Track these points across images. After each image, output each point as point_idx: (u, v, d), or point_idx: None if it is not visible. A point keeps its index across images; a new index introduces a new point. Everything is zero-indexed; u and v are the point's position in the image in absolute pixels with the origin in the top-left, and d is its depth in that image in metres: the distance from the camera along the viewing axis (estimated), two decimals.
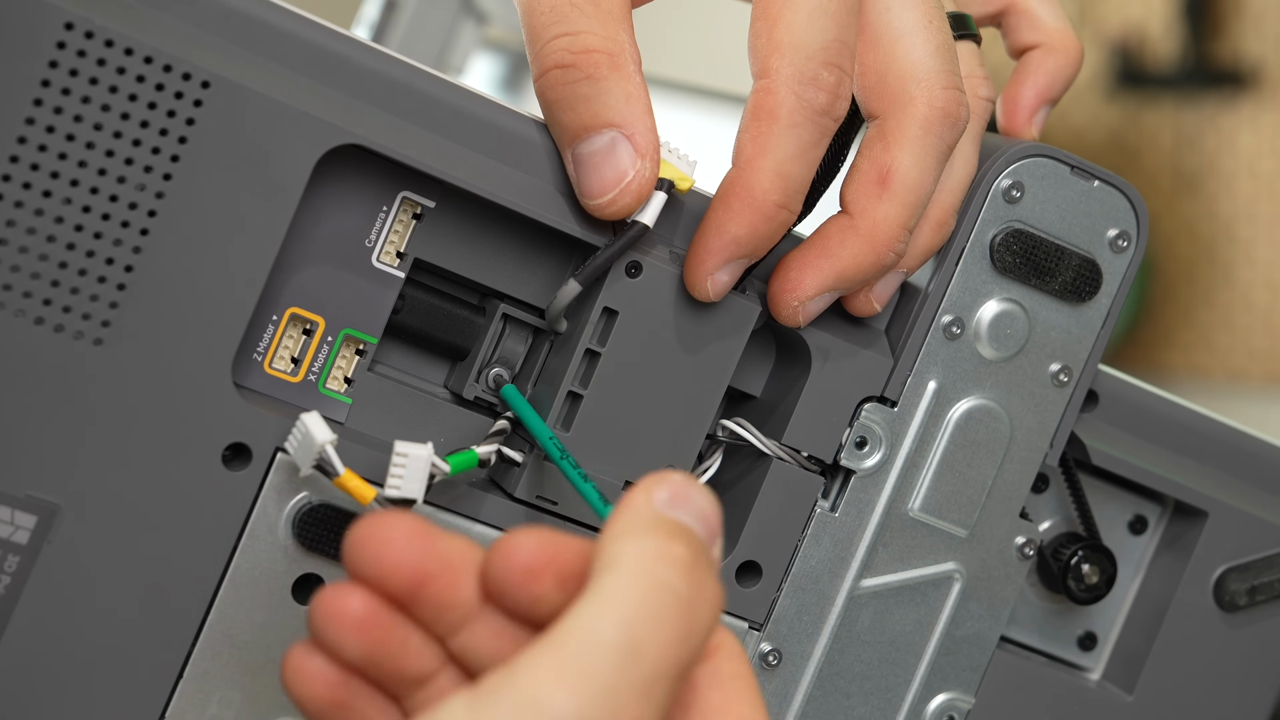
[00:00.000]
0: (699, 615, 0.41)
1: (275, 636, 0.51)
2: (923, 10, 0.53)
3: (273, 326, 0.51)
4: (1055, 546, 0.59)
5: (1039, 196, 0.55)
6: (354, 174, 0.50)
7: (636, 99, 0.50)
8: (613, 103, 0.49)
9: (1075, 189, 0.56)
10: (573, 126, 0.50)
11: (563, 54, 0.49)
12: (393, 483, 0.49)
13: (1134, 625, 0.61)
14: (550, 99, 0.50)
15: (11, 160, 0.46)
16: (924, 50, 0.52)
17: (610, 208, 0.50)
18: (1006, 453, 0.56)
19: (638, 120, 0.50)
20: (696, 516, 0.43)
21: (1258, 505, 0.60)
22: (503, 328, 0.53)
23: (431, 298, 0.52)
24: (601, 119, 0.49)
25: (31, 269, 0.47)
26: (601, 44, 0.49)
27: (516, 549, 0.43)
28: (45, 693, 0.49)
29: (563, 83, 0.49)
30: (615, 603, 0.40)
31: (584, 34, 0.49)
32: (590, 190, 0.50)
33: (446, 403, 0.53)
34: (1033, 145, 0.55)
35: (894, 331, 0.55)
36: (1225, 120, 1.79)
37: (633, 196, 0.50)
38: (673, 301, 0.52)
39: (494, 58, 1.21)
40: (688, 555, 0.41)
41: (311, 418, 0.49)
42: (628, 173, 0.50)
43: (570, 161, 0.50)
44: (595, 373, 0.52)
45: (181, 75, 0.47)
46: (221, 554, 0.50)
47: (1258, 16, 1.78)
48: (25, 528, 0.48)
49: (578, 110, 0.49)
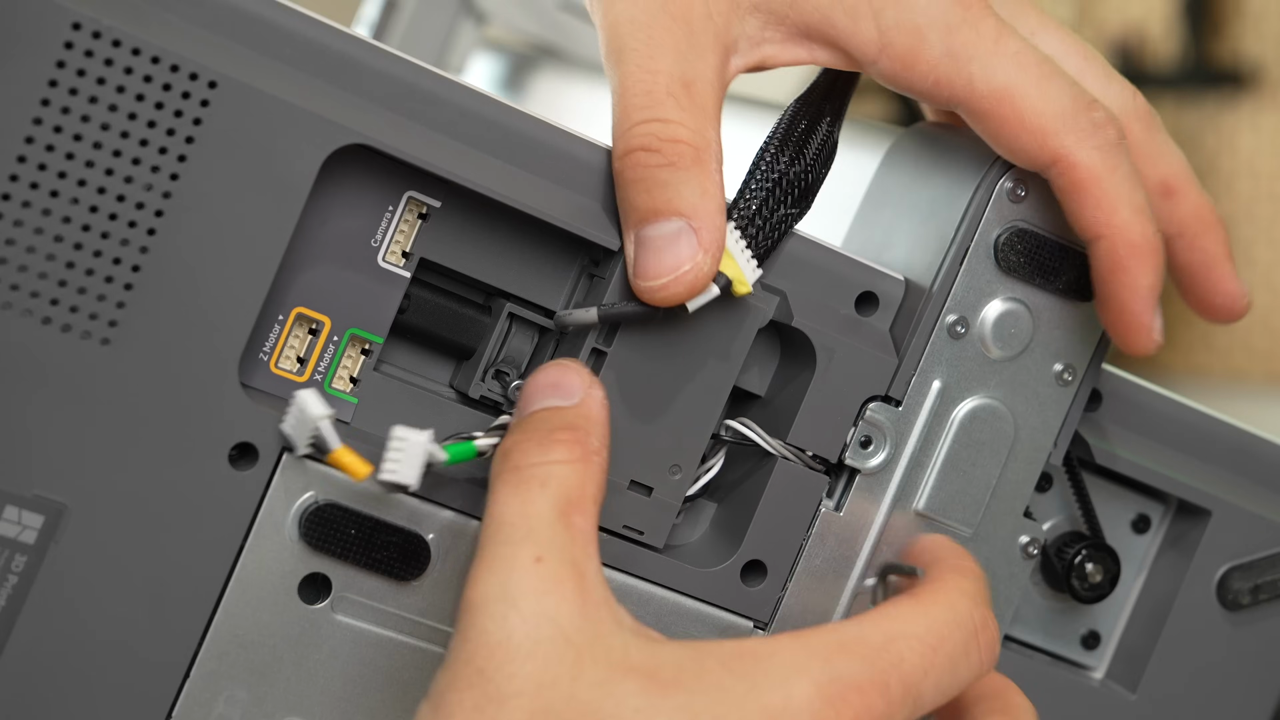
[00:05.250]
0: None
1: (282, 636, 0.51)
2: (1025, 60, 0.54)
3: (279, 326, 0.51)
4: (1059, 545, 0.59)
5: (1043, 196, 0.55)
6: (360, 174, 0.50)
7: (712, 196, 0.50)
8: (688, 194, 0.50)
9: None
10: (644, 209, 0.50)
11: (649, 138, 0.50)
12: (388, 466, 0.49)
13: (1137, 624, 0.61)
14: (628, 178, 0.50)
15: (19, 160, 0.46)
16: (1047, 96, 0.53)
17: (661, 293, 0.50)
18: (1011, 452, 0.56)
19: (709, 216, 0.50)
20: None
21: (1261, 504, 0.60)
22: (509, 327, 0.53)
23: (437, 297, 0.53)
24: (673, 207, 0.50)
25: (39, 269, 0.47)
26: (689, 136, 0.50)
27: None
28: (52, 692, 0.49)
29: (644, 165, 0.50)
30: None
31: (674, 124, 0.50)
32: (645, 271, 0.50)
33: (452, 402, 0.53)
34: None
35: (898, 331, 0.55)
36: (1225, 120, 1.79)
37: (685, 287, 0.50)
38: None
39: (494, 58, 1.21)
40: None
41: (307, 394, 0.49)
42: (685, 263, 0.50)
43: (632, 242, 0.51)
44: (601, 373, 0.52)
45: (188, 75, 0.47)
46: (228, 554, 0.50)
47: (1258, 16, 1.78)
48: (32, 527, 0.48)
49: (652, 194, 0.50)
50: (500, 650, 0.45)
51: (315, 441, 0.49)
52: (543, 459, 0.48)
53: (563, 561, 0.46)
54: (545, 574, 0.46)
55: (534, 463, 0.48)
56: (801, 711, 0.46)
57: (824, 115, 0.55)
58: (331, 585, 0.51)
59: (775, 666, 0.47)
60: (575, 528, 0.47)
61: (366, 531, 0.51)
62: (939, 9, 0.53)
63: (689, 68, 0.51)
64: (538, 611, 0.45)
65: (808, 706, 0.46)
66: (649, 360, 0.52)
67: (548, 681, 0.45)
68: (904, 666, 0.48)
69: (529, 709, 0.45)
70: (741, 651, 0.47)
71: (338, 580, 0.51)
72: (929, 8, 0.53)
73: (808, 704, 0.46)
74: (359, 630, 0.51)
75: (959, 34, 0.53)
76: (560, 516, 0.47)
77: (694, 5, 0.51)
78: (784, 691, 0.46)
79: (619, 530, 0.53)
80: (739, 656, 0.47)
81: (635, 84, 0.51)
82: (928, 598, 0.50)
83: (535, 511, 0.47)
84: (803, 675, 0.47)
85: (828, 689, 0.47)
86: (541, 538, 0.47)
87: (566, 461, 0.48)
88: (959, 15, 0.53)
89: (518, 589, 0.46)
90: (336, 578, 0.51)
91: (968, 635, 0.50)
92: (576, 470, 0.48)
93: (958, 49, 0.53)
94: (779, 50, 0.53)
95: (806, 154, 0.54)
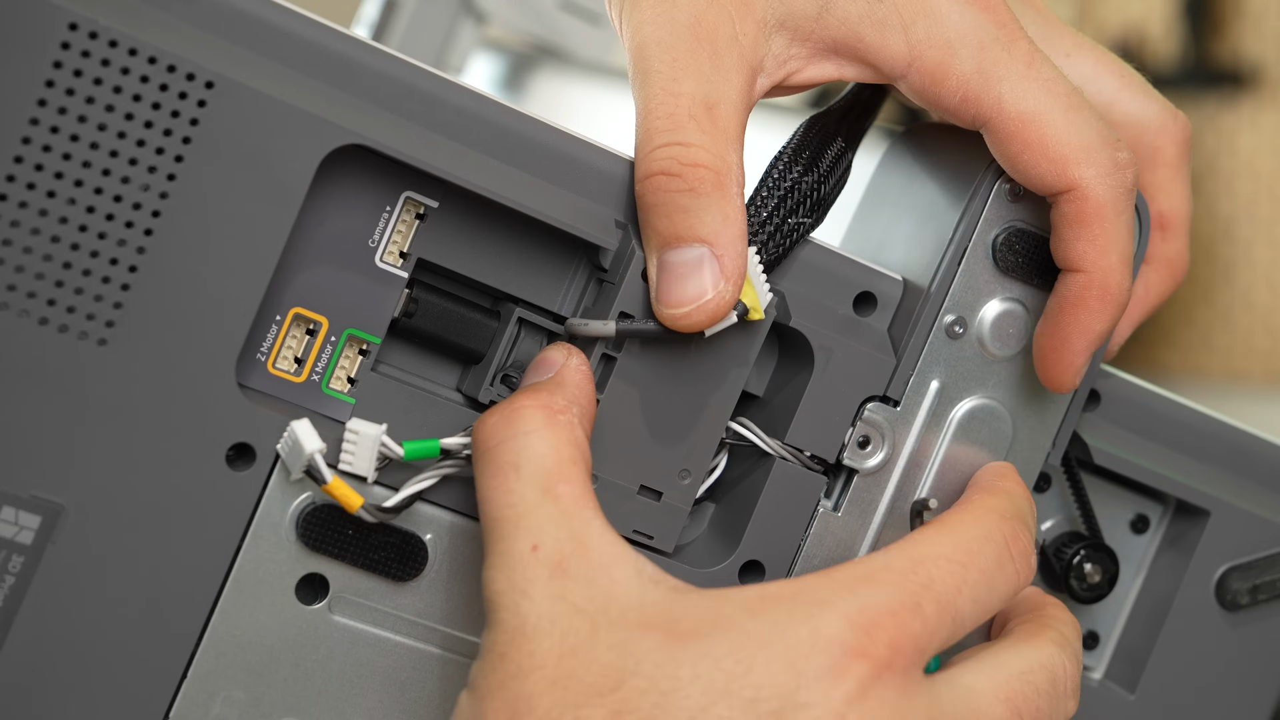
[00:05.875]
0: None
1: (279, 636, 0.51)
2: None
3: (276, 326, 0.51)
4: (1057, 545, 0.59)
5: (1041, 197, 0.55)
6: (357, 174, 0.50)
7: (734, 222, 0.50)
8: (709, 219, 0.50)
9: None
10: (665, 233, 0.50)
11: (670, 162, 0.50)
12: (344, 459, 0.50)
13: (1136, 624, 0.61)
14: (649, 202, 0.51)
15: (16, 161, 0.46)
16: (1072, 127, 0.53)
17: (684, 320, 0.50)
18: (1009, 452, 0.56)
19: (730, 243, 0.50)
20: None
21: (1260, 504, 0.60)
22: (518, 331, 0.53)
23: (445, 301, 0.52)
24: (695, 233, 0.50)
25: (36, 269, 0.47)
26: (710, 160, 0.50)
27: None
28: (49, 693, 0.49)
29: (665, 189, 0.50)
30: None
31: (695, 147, 0.50)
32: (668, 299, 0.51)
33: (459, 405, 0.53)
34: None
35: (896, 331, 0.55)
36: (1225, 120, 1.79)
37: (708, 315, 0.50)
38: None
39: (493, 57, 1.21)
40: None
41: (301, 425, 0.49)
42: (708, 292, 0.50)
43: (654, 266, 0.51)
44: (611, 379, 0.52)
45: (185, 75, 0.47)
46: (225, 554, 0.50)
47: (1258, 16, 1.78)
48: (29, 528, 0.48)
49: (673, 219, 0.50)
50: (519, 634, 0.46)
51: (309, 471, 0.49)
52: (509, 434, 0.48)
53: (559, 540, 0.47)
54: (545, 559, 0.47)
55: (502, 440, 0.48)
56: (831, 643, 0.46)
57: (838, 135, 0.55)
58: (329, 586, 0.51)
59: (800, 604, 0.46)
60: (563, 499, 0.47)
61: (364, 532, 0.51)
62: (972, 25, 0.52)
63: (712, 90, 0.51)
64: (546, 594, 0.46)
65: (838, 638, 0.46)
66: (658, 366, 0.52)
67: (566, 651, 0.46)
68: (936, 586, 0.48)
69: (550, 678, 0.45)
70: (764, 594, 0.47)
71: (335, 581, 0.51)
72: (961, 23, 0.52)
73: (838, 635, 0.46)
74: (356, 631, 0.51)
75: (990, 52, 0.52)
76: (544, 494, 0.47)
77: (720, 26, 0.51)
78: (810, 626, 0.46)
79: (629, 535, 0.53)
80: (761, 599, 0.47)
81: (658, 106, 0.51)
82: (954, 519, 0.50)
83: (518, 498, 0.48)
84: (829, 609, 0.46)
85: (858, 618, 0.46)
86: (532, 524, 0.47)
87: (533, 431, 0.48)
88: (992, 34, 0.52)
89: (524, 579, 0.47)
90: (334, 578, 0.51)
91: (999, 548, 0.49)
92: (545, 438, 0.48)
93: (988, 68, 0.52)
94: (806, 66, 0.53)
95: (820, 166, 0.54)
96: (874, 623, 0.46)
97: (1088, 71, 0.58)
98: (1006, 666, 0.49)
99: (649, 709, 0.45)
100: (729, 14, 0.51)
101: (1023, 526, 0.51)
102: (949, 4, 0.52)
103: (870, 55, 0.53)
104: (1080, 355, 0.53)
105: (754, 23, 0.52)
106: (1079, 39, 0.58)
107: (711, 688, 0.45)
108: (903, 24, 0.52)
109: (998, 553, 0.49)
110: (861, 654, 0.46)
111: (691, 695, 0.45)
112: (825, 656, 0.46)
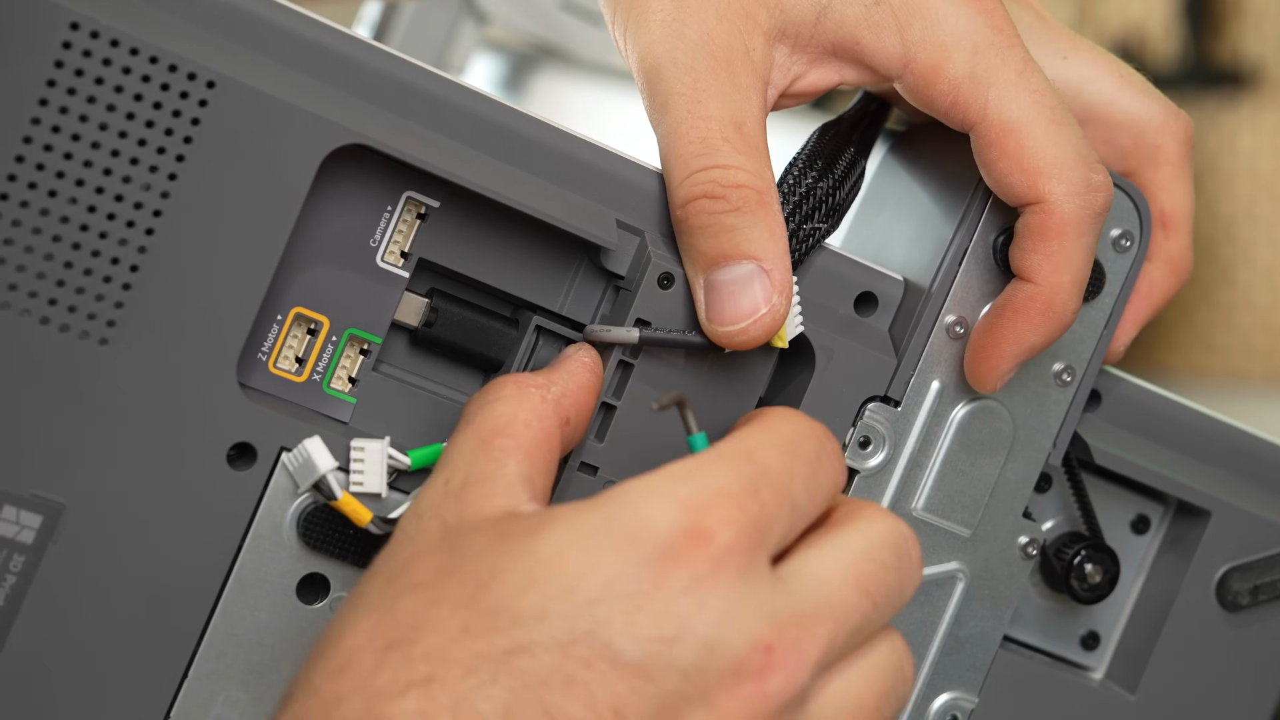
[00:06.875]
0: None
1: (280, 636, 0.51)
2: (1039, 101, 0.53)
3: (277, 326, 0.51)
4: (1058, 546, 0.59)
5: None
6: (358, 174, 0.50)
7: (779, 238, 0.51)
8: (757, 237, 0.51)
9: None
10: (712, 254, 0.51)
11: (712, 185, 0.50)
12: (355, 479, 0.50)
13: (1136, 625, 0.61)
14: (693, 225, 0.51)
15: (17, 160, 0.46)
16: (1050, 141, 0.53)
17: (740, 337, 0.51)
18: (1010, 452, 0.56)
19: (778, 258, 0.51)
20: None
21: (1260, 505, 0.60)
22: (536, 339, 0.53)
23: (464, 310, 0.53)
24: (743, 250, 0.51)
25: (37, 269, 0.47)
26: (751, 180, 0.51)
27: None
28: (50, 692, 0.49)
29: (710, 211, 0.51)
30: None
31: (734, 169, 0.51)
32: (722, 317, 0.51)
33: (459, 404, 0.53)
34: None
35: (897, 331, 0.55)
36: (1225, 120, 1.79)
37: (763, 329, 0.51)
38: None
39: (494, 58, 1.21)
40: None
41: (313, 444, 0.49)
42: (761, 306, 0.51)
43: (702, 287, 0.51)
44: (628, 384, 0.52)
45: (187, 75, 0.47)
46: (226, 554, 0.50)
47: (1258, 16, 1.78)
48: (31, 527, 0.48)
49: (720, 239, 0.51)
50: (390, 546, 0.47)
51: (319, 487, 0.49)
52: (481, 402, 0.49)
53: (467, 473, 0.47)
54: (450, 489, 0.47)
55: (475, 409, 0.49)
56: (664, 527, 0.44)
57: (850, 142, 0.56)
58: (330, 585, 0.51)
59: (631, 498, 0.45)
60: (493, 447, 0.48)
61: (364, 531, 0.51)
62: (967, 29, 0.53)
63: (737, 109, 0.51)
64: (431, 513, 0.47)
65: (672, 523, 0.44)
66: (675, 372, 0.52)
67: (413, 554, 0.46)
68: (770, 472, 0.46)
69: (386, 575, 0.45)
70: (601, 495, 0.45)
71: (336, 580, 0.51)
72: (957, 26, 0.53)
73: (672, 521, 0.44)
74: None
75: (984, 57, 0.52)
76: (481, 444, 0.48)
77: (732, 43, 0.52)
78: (642, 515, 0.44)
79: None
80: (595, 499, 0.45)
81: (688, 130, 0.51)
82: (765, 416, 0.49)
83: (458, 446, 0.48)
84: (662, 498, 0.44)
85: (691, 500, 0.44)
86: (456, 464, 0.48)
87: (500, 399, 0.49)
88: (988, 38, 0.53)
89: (425, 503, 0.47)
90: (335, 578, 0.51)
91: (818, 442, 0.48)
92: (508, 404, 0.49)
93: (980, 73, 0.52)
94: (808, 72, 0.54)
95: (835, 172, 0.55)
96: (710, 502, 0.44)
97: (1086, 72, 0.57)
98: (850, 547, 0.47)
99: (463, 598, 0.44)
100: (737, 29, 0.52)
101: (826, 428, 0.49)
102: (946, 7, 0.52)
103: (867, 57, 0.53)
104: (1007, 361, 0.54)
105: (760, 36, 0.52)
106: (1076, 40, 0.58)
107: (526, 577, 0.44)
108: (899, 26, 0.53)
109: (818, 445, 0.48)
110: (695, 537, 0.44)
111: (505, 584, 0.44)
112: (653, 541, 0.44)
